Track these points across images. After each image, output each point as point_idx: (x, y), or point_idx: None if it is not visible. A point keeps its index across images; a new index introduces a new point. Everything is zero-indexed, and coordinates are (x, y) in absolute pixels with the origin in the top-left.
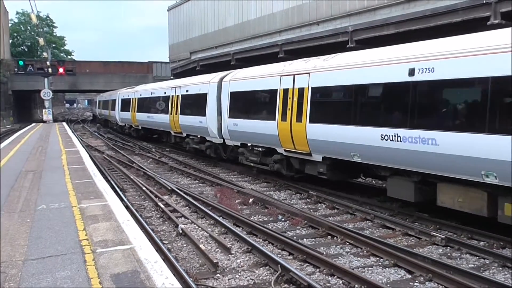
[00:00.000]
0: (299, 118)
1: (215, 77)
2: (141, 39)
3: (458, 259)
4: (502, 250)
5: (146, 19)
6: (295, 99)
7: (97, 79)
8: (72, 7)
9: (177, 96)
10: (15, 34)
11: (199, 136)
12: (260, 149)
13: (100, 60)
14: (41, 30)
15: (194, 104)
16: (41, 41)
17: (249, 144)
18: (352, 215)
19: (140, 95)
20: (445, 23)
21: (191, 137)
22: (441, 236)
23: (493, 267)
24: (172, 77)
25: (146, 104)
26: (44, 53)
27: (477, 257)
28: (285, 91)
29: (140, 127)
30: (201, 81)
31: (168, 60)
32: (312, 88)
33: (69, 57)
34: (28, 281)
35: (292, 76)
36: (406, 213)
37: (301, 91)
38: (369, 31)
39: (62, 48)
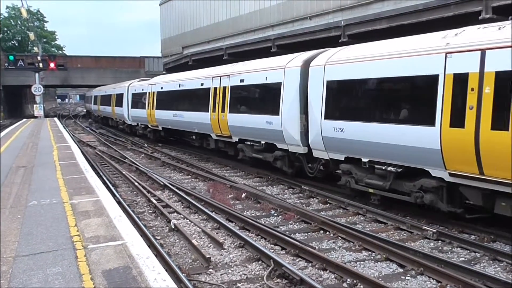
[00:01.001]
0: None
1: (293, 59)
2: (133, 34)
3: (449, 252)
4: (493, 243)
5: (138, 13)
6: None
7: (88, 74)
8: (63, 1)
9: (224, 88)
10: (5, 29)
11: (263, 142)
12: (391, 168)
13: (92, 55)
14: (32, 24)
15: (257, 98)
16: (32, 35)
17: (364, 160)
18: (345, 209)
19: (161, 88)
20: (437, 18)
21: (248, 143)
22: (433, 230)
23: (483, 261)
24: (164, 72)
25: (171, 100)
26: (35, 48)
27: (468, 251)
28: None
29: (160, 128)
30: (268, 66)
31: (160, 55)
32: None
33: (60, 52)
34: (19, 278)
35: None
36: (398, 208)
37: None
38: (362, 25)
39: (53, 42)
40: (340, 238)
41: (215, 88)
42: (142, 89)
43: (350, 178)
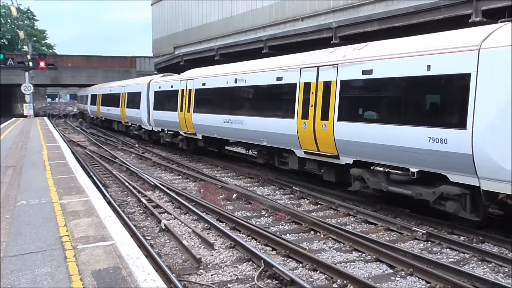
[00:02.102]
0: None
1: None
2: (124, 34)
3: (438, 253)
4: (482, 244)
5: (129, 13)
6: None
7: (79, 73)
8: (54, 0)
9: (327, 83)
10: None
11: (414, 170)
12: None
13: (83, 54)
14: (22, 23)
15: (407, 98)
16: (22, 34)
17: None
18: (335, 210)
19: (203, 84)
20: (428, 20)
21: (379, 168)
22: (422, 231)
23: (472, 261)
24: (156, 72)
25: (220, 100)
26: (25, 47)
27: (457, 252)
28: None
29: (199, 136)
30: (433, 49)
31: (151, 55)
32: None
33: (50, 51)
34: (7, 278)
35: None
36: (389, 209)
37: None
38: (353, 27)
39: (43, 41)
40: (330, 238)
41: (307, 84)
42: (171, 86)
43: None
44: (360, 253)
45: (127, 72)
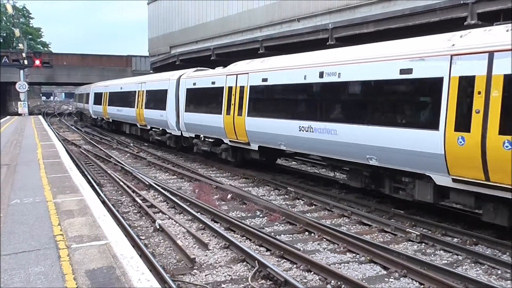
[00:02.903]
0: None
1: None
2: (121, 33)
3: (432, 255)
4: (475, 246)
5: (125, 12)
6: None
7: (74, 72)
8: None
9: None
10: None
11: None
12: None
13: (78, 52)
14: (17, 21)
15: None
16: (17, 32)
17: None
18: (330, 211)
19: (263, 80)
20: (424, 23)
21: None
22: (416, 232)
23: (466, 263)
24: (151, 71)
25: (296, 101)
26: (20, 45)
27: (451, 253)
28: None
29: (254, 147)
30: None
31: (147, 54)
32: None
33: (46, 49)
34: None
35: None
36: (383, 210)
37: None
38: (349, 28)
39: (38, 39)
40: (324, 239)
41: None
42: (213, 83)
43: None
44: (354, 254)
45: (122, 71)
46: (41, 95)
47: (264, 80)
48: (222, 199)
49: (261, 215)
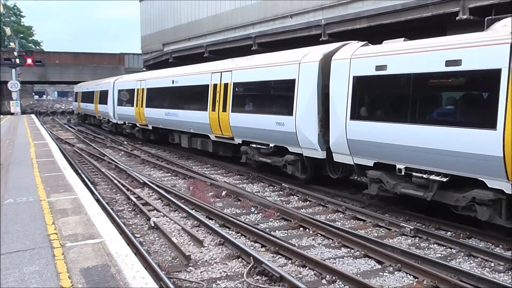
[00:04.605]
0: None
1: None
2: (113, 31)
3: (426, 249)
4: (468, 240)
5: (117, 9)
6: None
7: (67, 71)
8: None
9: None
10: None
11: (272, 145)
12: None
13: (71, 51)
14: (8, 19)
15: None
16: (8, 30)
17: None
18: (324, 207)
19: (381, 67)
20: (416, 18)
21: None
22: (410, 227)
23: (459, 257)
24: (144, 69)
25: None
26: (11, 43)
27: (444, 247)
28: None
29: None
30: None
31: (140, 52)
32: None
33: (37, 47)
34: None
35: None
36: (377, 205)
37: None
38: (342, 24)
39: (30, 38)
40: (319, 235)
41: None
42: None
43: None
44: (349, 249)
45: (115, 69)
46: (33, 94)
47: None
48: (217, 196)
49: (256, 212)
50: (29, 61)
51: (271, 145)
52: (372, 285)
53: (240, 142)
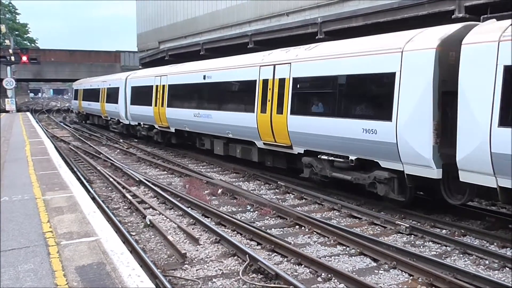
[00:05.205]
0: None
1: None
2: (108, 28)
3: (421, 246)
4: (463, 237)
5: (113, 7)
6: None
7: (62, 68)
8: None
9: None
10: None
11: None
12: None
13: (66, 48)
14: (3, 16)
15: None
16: (3, 28)
17: None
18: (320, 205)
19: None
20: (412, 16)
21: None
22: (406, 225)
23: (454, 254)
24: (140, 67)
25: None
26: (7, 41)
27: (440, 245)
28: None
29: None
30: None
31: (136, 50)
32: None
33: (33, 45)
34: None
35: None
36: (373, 203)
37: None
38: (338, 22)
39: (25, 35)
40: (315, 233)
41: None
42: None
43: None
44: (344, 247)
45: (111, 66)
46: (29, 91)
47: None
48: (212, 194)
49: (251, 210)
50: (24, 58)
51: (352, 157)
52: (368, 283)
53: (302, 151)
